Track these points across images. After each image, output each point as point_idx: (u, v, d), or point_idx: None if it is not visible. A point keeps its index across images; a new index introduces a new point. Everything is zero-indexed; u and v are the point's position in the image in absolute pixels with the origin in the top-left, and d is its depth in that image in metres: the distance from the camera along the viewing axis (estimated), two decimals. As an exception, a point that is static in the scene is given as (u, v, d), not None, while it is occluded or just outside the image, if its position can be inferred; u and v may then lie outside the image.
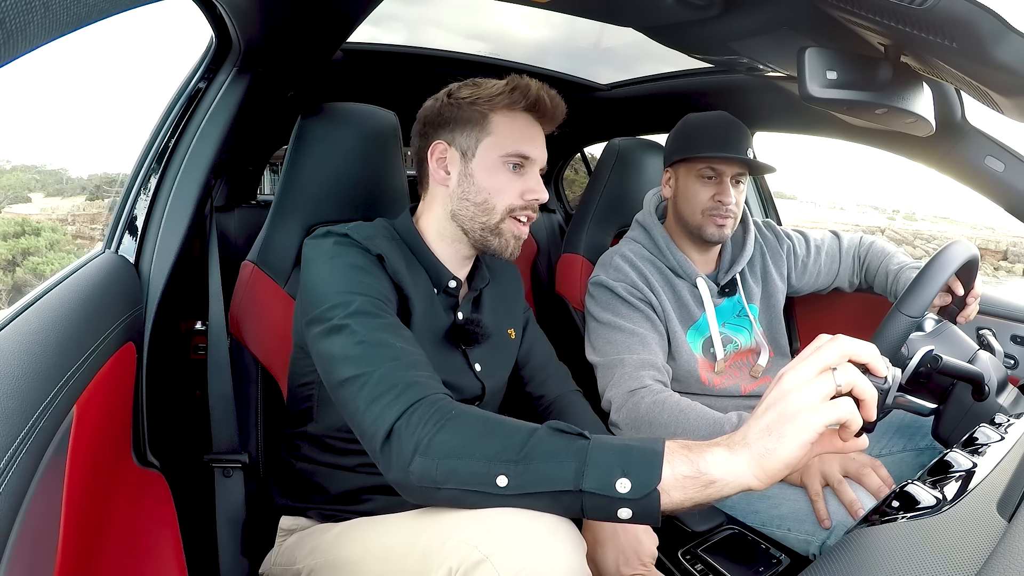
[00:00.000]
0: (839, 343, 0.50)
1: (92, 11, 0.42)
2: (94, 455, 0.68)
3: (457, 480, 0.54)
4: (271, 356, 0.99)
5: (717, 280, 1.17)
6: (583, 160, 2.40)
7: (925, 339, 0.86)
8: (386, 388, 0.60)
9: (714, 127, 1.10)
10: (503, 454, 0.54)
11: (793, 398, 0.48)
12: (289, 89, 1.31)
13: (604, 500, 0.51)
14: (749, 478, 0.49)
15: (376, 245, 0.75)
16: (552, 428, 0.55)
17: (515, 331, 0.93)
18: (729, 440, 0.51)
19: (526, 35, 1.47)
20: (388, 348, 0.64)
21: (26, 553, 0.48)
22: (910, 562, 0.46)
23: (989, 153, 1.07)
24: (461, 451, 0.55)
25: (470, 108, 0.78)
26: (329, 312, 0.68)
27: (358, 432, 0.62)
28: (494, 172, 0.78)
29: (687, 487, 0.50)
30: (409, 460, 0.56)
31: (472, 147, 0.78)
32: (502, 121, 0.78)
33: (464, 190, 0.79)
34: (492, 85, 0.79)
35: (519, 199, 0.79)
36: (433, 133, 0.81)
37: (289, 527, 0.83)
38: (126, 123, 77.45)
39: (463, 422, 0.57)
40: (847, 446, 0.51)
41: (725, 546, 0.91)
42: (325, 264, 0.72)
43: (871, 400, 0.49)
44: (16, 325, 0.58)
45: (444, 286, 0.82)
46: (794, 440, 0.47)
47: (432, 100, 0.83)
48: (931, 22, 0.58)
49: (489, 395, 0.85)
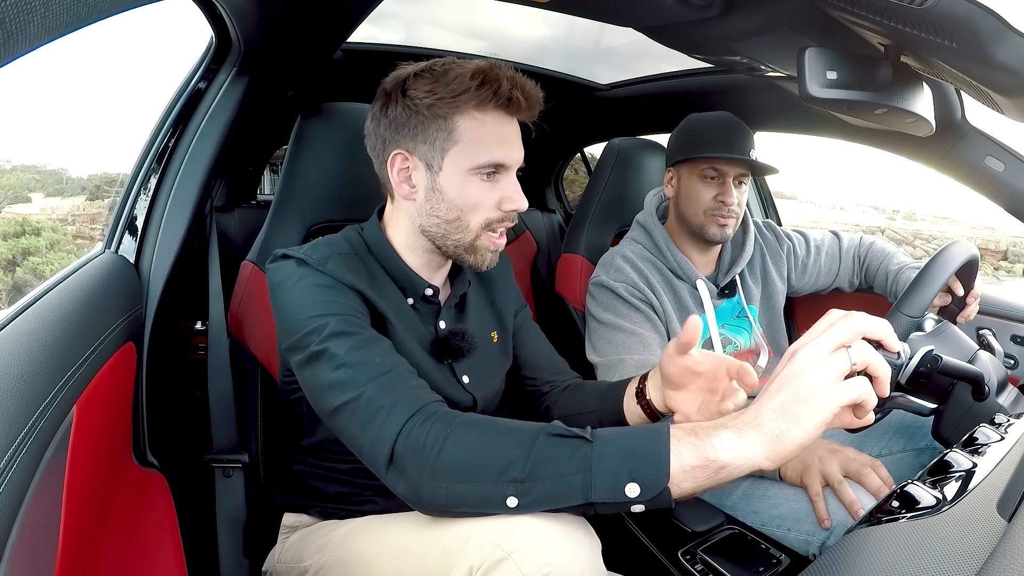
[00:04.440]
0: (853, 319, 0.49)
1: (92, 11, 0.42)
2: (94, 455, 0.68)
3: (467, 504, 0.54)
4: (271, 356, 0.99)
5: (717, 281, 1.17)
6: (583, 160, 2.40)
7: (925, 339, 0.86)
8: (375, 411, 0.59)
9: (718, 127, 1.10)
10: (508, 472, 0.53)
11: (808, 377, 0.47)
12: (289, 89, 1.31)
13: (616, 505, 0.51)
14: (760, 459, 0.48)
15: (330, 268, 0.69)
16: (551, 434, 0.54)
17: (498, 333, 0.88)
18: (738, 420, 0.50)
19: (525, 34, 1.47)
20: (369, 367, 0.62)
21: (26, 553, 0.48)
22: (910, 562, 0.46)
23: (989, 153, 1.07)
24: (467, 474, 0.54)
25: (429, 112, 0.67)
26: (306, 339, 0.65)
27: (361, 458, 0.61)
28: (465, 186, 0.69)
29: (697, 476, 0.49)
30: (417, 487, 0.55)
31: (437, 159, 0.68)
32: (470, 125, 0.67)
33: (433, 206, 0.70)
34: (453, 78, 0.66)
35: (495, 210, 0.70)
36: (390, 140, 0.70)
37: (292, 524, 0.83)
38: (126, 123, 77.40)
39: (465, 437, 0.56)
40: (855, 422, 0.50)
41: (725, 546, 0.91)
42: (292, 288, 0.68)
43: (885, 377, 0.49)
44: (16, 325, 0.58)
45: (420, 295, 0.77)
46: (810, 422, 0.46)
47: (384, 91, 0.71)
48: (931, 22, 0.58)
49: (482, 404, 0.82)
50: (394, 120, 0.69)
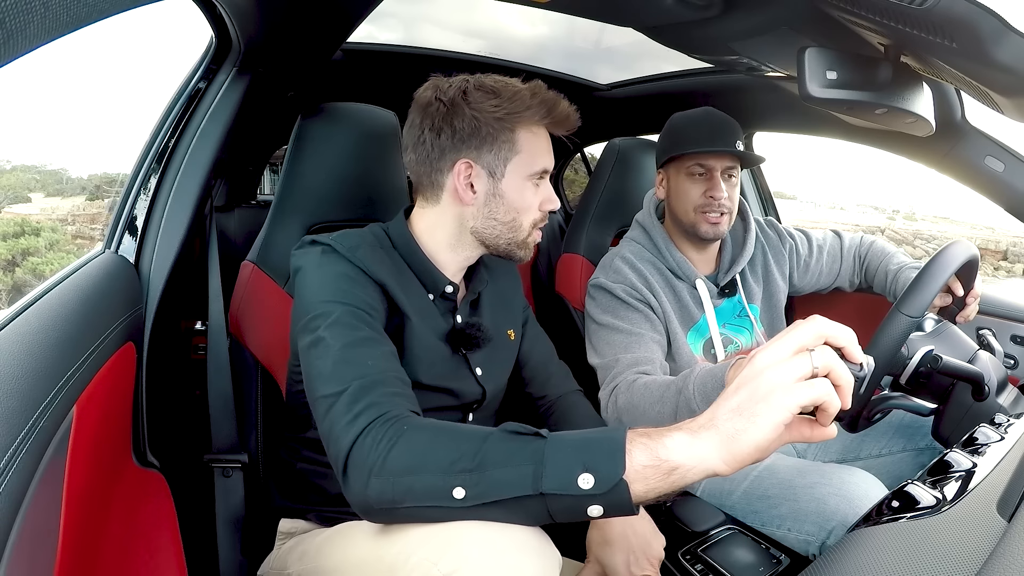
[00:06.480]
0: (815, 323, 0.48)
1: (92, 11, 0.42)
2: (94, 455, 0.68)
3: (414, 497, 0.52)
4: (271, 356, 0.99)
5: (717, 281, 1.17)
6: (583, 160, 2.40)
7: (925, 339, 0.86)
8: (345, 410, 0.59)
9: (699, 123, 1.10)
10: (457, 464, 0.51)
11: (766, 377, 0.46)
12: (289, 89, 1.31)
13: (570, 500, 0.48)
14: (715, 462, 0.46)
15: (359, 256, 0.73)
16: (506, 431, 0.53)
17: (515, 332, 0.92)
18: (692, 423, 0.48)
19: (525, 33, 1.47)
20: (357, 367, 0.62)
21: (26, 553, 0.48)
22: (910, 562, 0.46)
23: (989, 153, 1.07)
24: (415, 466, 0.53)
25: (498, 124, 0.73)
26: (313, 322, 0.67)
27: (327, 455, 0.61)
28: (523, 191, 0.76)
29: (648, 477, 0.47)
30: (366, 483, 0.54)
31: (500, 167, 0.75)
32: (528, 138, 0.75)
33: (491, 210, 0.76)
34: (514, 95, 0.73)
35: (539, 211, 0.78)
36: (452, 149, 0.74)
37: (288, 530, 0.83)
38: (126, 123, 77.26)
39: (415, 436, 0.55)
40: (815, 435, 0.49)
41: (725, 546, 0.91)
42: (313, 273, 0.71)
43: (847, 386, 0.47)
44: (16, 325, 0.58)
45: (441, 291, 0.80)
46: (767, 421, 0.45)
47: (443, 104, 0.74)
48: (931, 22, 0.58)
49: (489, 398, 0.84)
50: (460, 131, 0.74)
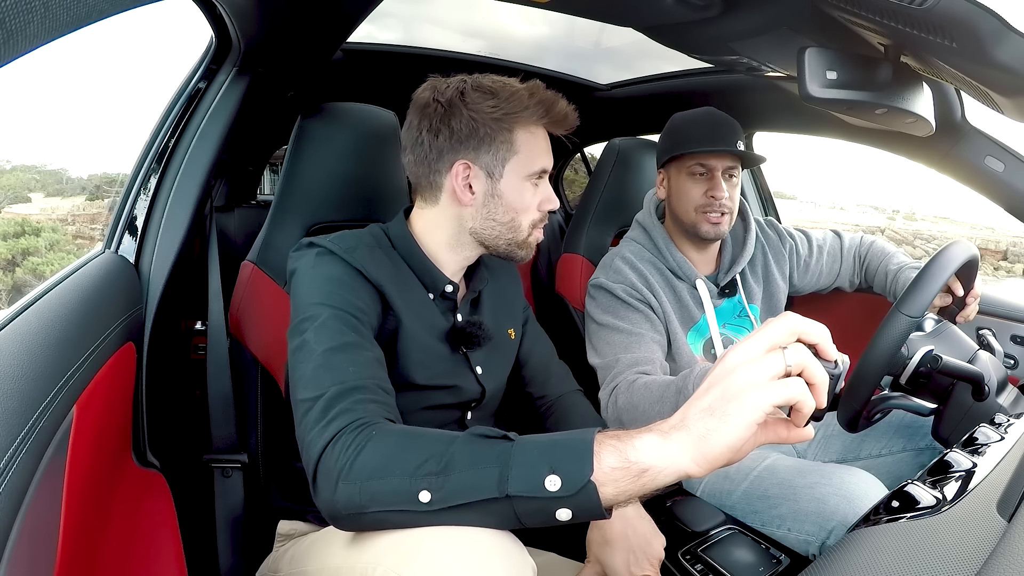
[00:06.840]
0: (788, 320, 0.47)
1: (92, 11, 0.42)
2: (94, 455, 0.68)
3: (380, 502, 0.51)
4: (271, 356, 0.99)
5: (717, 281, 1.17)
6: (583, 160, 2.40)
7: (925, 339, 0.86)
8: (319, 416, 0.58)
9: (700, 123, 1.10)
10: (423, 468, 0.51)
11: (738, 376, 0.45)
12: (289, 89, 1.31)
13: (537, 503, 0.47)
14: (686, 463, 0.45)
15: (357, 257, 0.73)
16: (473, 434, 0.52)
17: (515, 331, 0.92)
18: (664, 424, 0.47)
19: (524, 33, 1.47)
20: (336, 372, 0.62)
21: (26, 553, 0.48)
22: (910, 562, 0.46)
23: (989, 153, 1.07)
24: (381, 471, 0.52)
25: (496, 125, 0.73)
26: (301, 325, 0.67)
27: (302, 460, 0.61)
28: (521, 191, 0.76)
29: (618, 479, 0.46)
30: (334, 489, 0.53)
31: (498, 167, 0.74)
32: (527, 138, 0.75)
33: (490, 210, 0.76)
34: (512, 95, 0.73)
35: (537, 211, 0.78)
36: (450, 150, 0.74)
37: (287, 532, 0.83)
38: (126, 123, 77.23)
39: (382, 441, 0.54)
40: (792, 435, 0.48)
41: (725, 546, 0.91)
42: (306, 275, 0.71)
43: (822, 385, 0.45)
44: (16, 325, 0.58)
45: (441, 291, 0.80)
46: (738, 420, 0.44)
47: (440, 105, 0.74)
48: (931, 22, 0.58)
49: (489, 397, 0.84)
50: (457, 132, 0.73)
